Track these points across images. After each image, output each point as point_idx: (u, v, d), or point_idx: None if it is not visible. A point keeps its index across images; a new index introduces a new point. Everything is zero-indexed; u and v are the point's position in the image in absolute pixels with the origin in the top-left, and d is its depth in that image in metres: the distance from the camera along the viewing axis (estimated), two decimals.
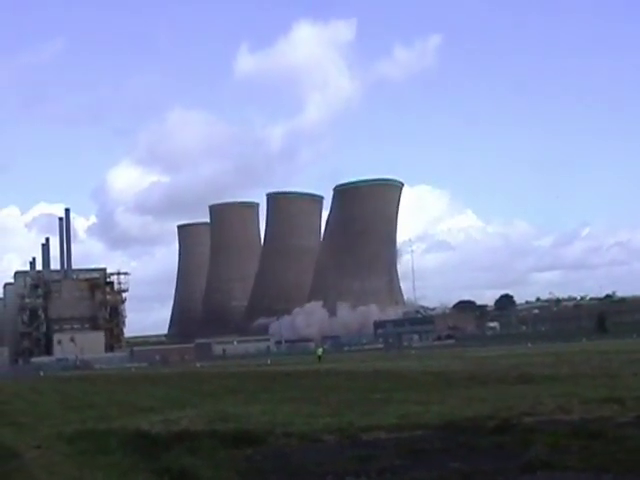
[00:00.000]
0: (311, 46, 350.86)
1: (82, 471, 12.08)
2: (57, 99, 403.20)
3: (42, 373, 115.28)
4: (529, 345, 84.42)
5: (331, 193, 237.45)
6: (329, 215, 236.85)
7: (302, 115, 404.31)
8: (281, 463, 11.84)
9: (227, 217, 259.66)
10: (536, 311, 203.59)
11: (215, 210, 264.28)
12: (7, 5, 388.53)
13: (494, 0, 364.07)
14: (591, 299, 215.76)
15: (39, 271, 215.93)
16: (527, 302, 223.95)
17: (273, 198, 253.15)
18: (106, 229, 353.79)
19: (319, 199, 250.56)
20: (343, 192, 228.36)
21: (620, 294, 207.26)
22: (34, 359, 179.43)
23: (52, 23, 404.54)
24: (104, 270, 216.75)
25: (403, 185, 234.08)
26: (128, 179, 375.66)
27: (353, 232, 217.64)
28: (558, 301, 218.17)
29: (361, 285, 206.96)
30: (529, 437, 12.68)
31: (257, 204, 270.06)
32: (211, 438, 14.32)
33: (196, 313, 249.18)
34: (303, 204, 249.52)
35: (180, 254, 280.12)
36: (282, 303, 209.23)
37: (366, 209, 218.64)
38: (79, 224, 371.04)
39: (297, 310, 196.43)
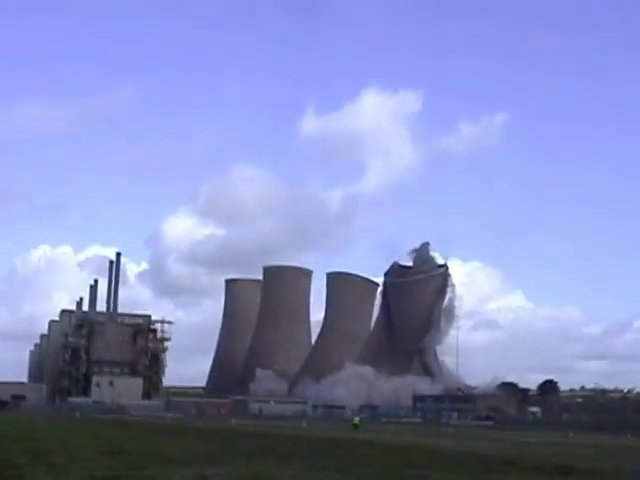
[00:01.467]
0: (377, 113, 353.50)
1: None
2: (122, 145, 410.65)
3: (78, 414, 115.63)
4: (570, 434, 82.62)
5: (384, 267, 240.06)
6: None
7: (362, 181, 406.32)
8: None
9: (281, 280, 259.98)
10: (580, 400, 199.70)
11: (270, 271, 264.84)
12: (83, 48, 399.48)
13: (562, 81, 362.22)
14: (638, 393, 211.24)
15: (85, 311, 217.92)
16: (571, 390, 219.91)
17: (335, 277, 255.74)
18: (156, 276, 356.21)
19: (375, 286, 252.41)
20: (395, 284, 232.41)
21: None
22: (71, 399, 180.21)
23: (125, 70, 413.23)
24: (149, 317, 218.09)
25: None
26: (183, 229, 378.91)
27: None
28: (604, 392, 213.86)
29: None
30: None
31: (311, 272, 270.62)
32: None
33: (236, 369, 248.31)
34: (362, 288, 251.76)
35: (225, 308, 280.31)
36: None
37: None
38: (130, 269, 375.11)
39: (338, 377, 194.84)
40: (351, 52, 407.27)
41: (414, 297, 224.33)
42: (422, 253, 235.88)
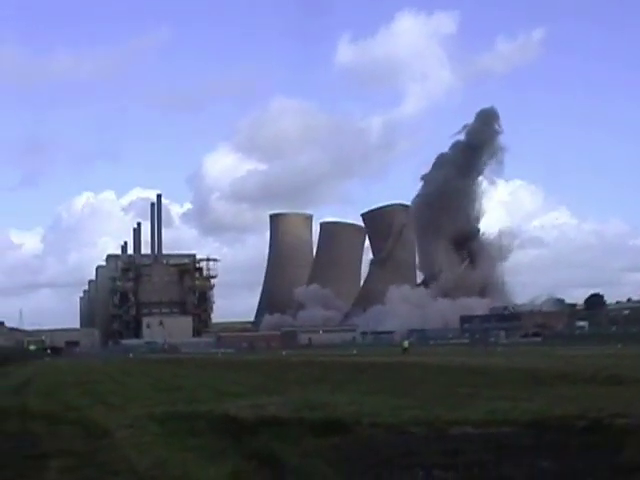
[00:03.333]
0: (412, 37, 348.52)
1: (172, 452, 12.29)
2: (157, 85, 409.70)
3: (131, 355, 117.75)
4: (619, 346, 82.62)
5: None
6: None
7: (401, 107, 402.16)
8: (368, 453, 11.84)
9: (332, 232, 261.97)
10: (627, 312, 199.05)
11: (324, 226, 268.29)
12: None
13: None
14: None
15: (130, 255, 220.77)
16: (618, 302, 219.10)
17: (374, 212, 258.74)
18: (200, 215, 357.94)
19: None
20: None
21: None
22: (124, 341, 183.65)
23: (159, 12, 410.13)
24: (194, 256, 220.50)
25: None
26: (224, 166, 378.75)
27: None
28: None
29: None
30: (621, 439, 12.40)
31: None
32: (298, 425, 14.40)
33: (284, 302, 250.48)
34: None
35: (271, 243, 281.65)
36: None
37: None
38: (174, 210, 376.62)
39: (385, 303, 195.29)
40: None
41: None
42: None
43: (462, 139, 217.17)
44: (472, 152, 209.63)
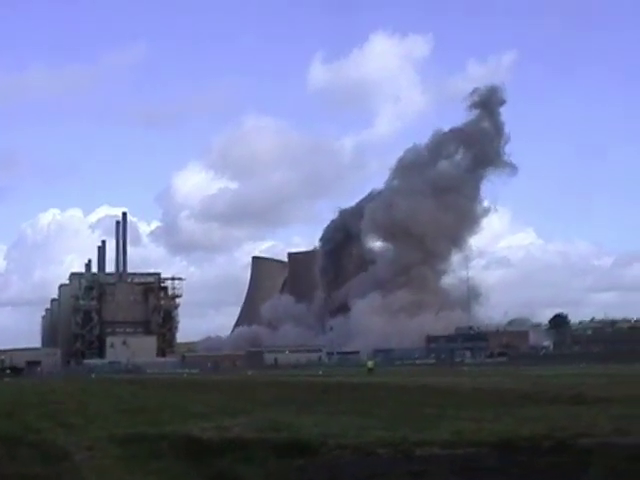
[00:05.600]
0: (386, 59, 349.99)
1: (133, 474, 12.06)
2: (130, 102, 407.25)
3: (94, 375, 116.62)
4: (582, 366, 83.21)
5: None
6: None
7: (373, 128, 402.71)
8: (334, 475, 11.70)
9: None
10: (589, 332, 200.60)
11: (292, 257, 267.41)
12: (94, 7, 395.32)
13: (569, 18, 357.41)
14: None
15: (94, 273, 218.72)
16: (581, 322, 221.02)
17: None
18: (168, 234, 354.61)
19: None
20: None
21: None
22: (86, 361, 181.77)
23: (135, 26, 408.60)
24: (159, 275, 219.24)
25: None
26: (195, 184, 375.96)
27: None
28: (613, 322, 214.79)
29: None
30: (586, 459, 12.40)
31: None
32: (263, 447, 14.22)
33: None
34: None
35: (250, 285, 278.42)
36: None
37: None
38: (142, 228, 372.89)
39: (350, 320, 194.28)
40: None
41: None
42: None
43: None
44: None
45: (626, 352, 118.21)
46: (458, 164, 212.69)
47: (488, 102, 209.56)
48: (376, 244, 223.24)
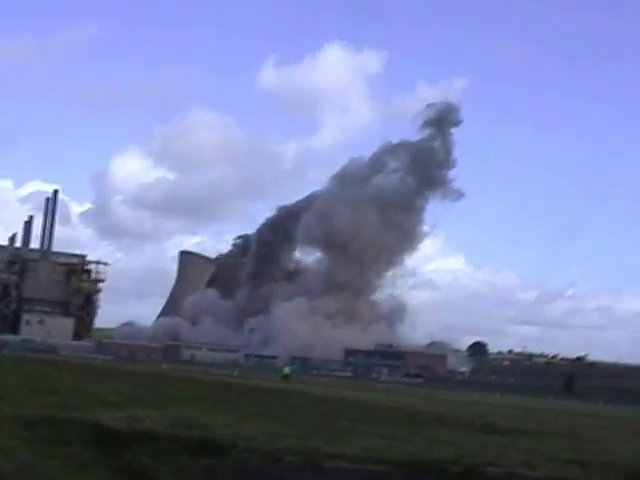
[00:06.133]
0: (338, 70, 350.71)
1: (38, 458, 11.78)
2: (77, 81, 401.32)
3: (5, 351, 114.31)
4: (497, 395, 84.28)
5: None
6: None
7: (316, 136, 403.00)
8: (242, 478, 11.61)
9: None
10: (507, 362, 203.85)
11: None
12: None
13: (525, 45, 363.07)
14: (562, 359, 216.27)
15: (18, 248, 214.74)
16: (499, 352, 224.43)
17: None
18: (99, 217, 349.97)
19: None
20: None
21: (592, 358, 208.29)
22: None
23: (89, 4, 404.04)
24: (84, 257, 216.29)
25: None
26: (132, 170, 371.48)
27: None
28: (530, 356, 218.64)
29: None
30: None
31: None
32: (173, 442, 14.04)
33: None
34: None
35: (177, 279, 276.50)
36: None
37: None
38: (74, 208, 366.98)
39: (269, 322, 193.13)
40: (317, 4, 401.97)
41: None
42: None
43: None
44: None
45: (541, 386, 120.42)
46: (403, 180, 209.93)
47: (443, 120, 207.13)
48: (308, 257, 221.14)
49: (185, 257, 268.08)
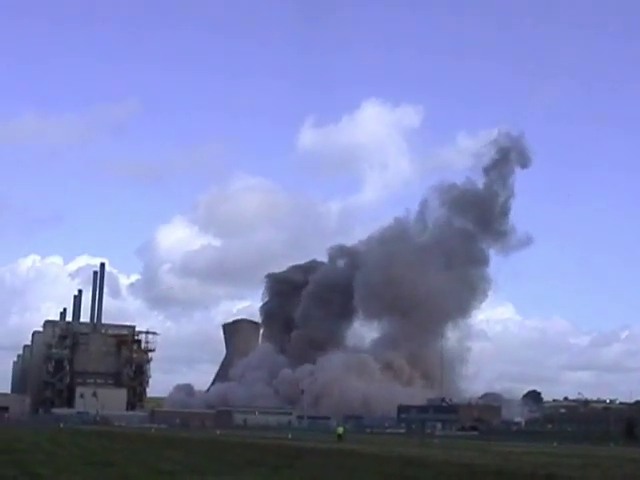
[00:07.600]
0: (376, 127, 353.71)
1: None
2: (120, 155, 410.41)
3: (62, 425, 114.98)
4: (555, 444, 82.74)
5: None
6: None
7: (359, 194, 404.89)
8: None
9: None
10: (563, 410, 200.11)
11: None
12: (92, 60, 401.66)
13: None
14: (620, 403, 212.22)
15: (69, 322, 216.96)
16: (555, 400, 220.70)
17: None
18: (147, 287, 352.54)
19: None
20: None
21: None
22: (55, 410, 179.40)
23: (130, 81, 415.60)
24: (133, 327, 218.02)
25: None
26: (178, 239, 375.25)
27: None
28: (586, 402, 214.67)
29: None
30: None
31: None
32: None
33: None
34: None
35: (227, 348, 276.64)
36: None
37: None
38: (122, 280, 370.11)
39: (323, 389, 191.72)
40: (352, 64, 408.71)
41: None
42: None
43: None
44: None
45: (599, 433, 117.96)
46: (463, 231, 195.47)
47: (506, 160, 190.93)
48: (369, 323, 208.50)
49: (229, 328, 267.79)
